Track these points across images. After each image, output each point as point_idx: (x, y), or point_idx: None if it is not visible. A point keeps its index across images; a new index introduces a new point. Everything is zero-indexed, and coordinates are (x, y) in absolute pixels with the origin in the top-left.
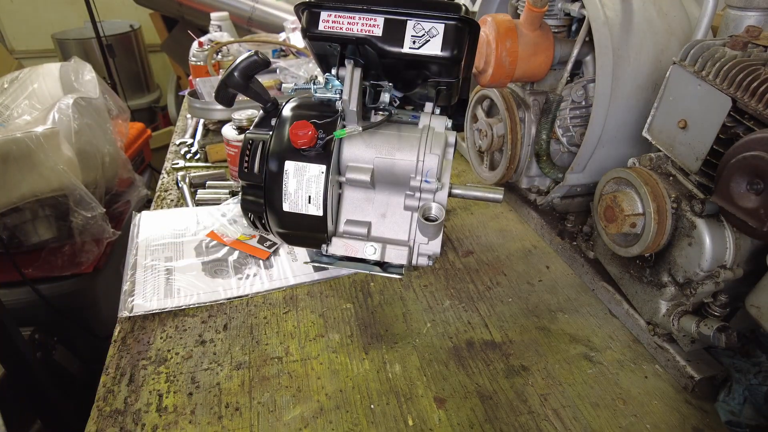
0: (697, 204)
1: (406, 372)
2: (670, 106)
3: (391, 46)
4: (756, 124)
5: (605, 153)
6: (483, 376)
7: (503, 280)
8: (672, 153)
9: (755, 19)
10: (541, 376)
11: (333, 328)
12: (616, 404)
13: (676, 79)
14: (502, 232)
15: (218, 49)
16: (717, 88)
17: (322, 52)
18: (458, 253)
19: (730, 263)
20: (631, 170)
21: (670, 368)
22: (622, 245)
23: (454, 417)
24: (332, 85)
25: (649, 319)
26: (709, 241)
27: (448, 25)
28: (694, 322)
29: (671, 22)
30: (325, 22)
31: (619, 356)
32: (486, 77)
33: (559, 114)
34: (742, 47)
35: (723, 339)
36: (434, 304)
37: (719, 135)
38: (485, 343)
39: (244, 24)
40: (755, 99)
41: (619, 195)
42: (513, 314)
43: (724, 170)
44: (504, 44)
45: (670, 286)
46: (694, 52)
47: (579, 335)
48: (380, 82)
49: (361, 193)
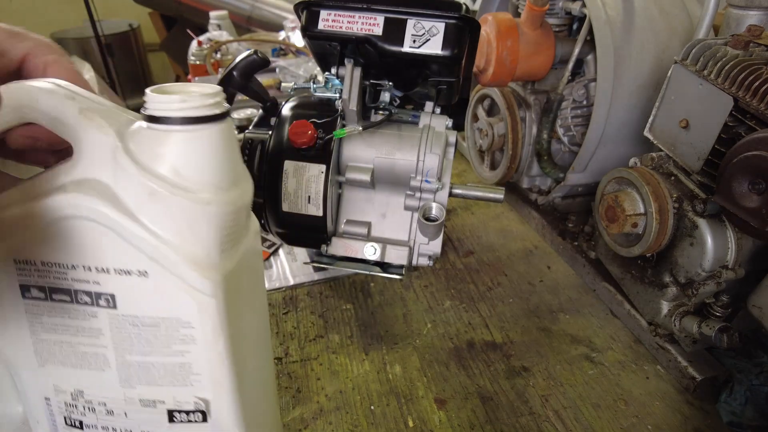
0: (699, 204)
1: (406, 373)
2: (671, 106)
3: (392, 45)
4: (758, 124)
5: (606, 152)
6: (484, 377)
7: (504, 281)
8: (674, 153)
9: (757, 18)
10: (542, 377)
11: (333, 328)
12: (618, 405)
13: (678, 78)
14: (503, 232)
15: (217, 48)
16: (719, 87)
17: (321, 51)
18: (459, 254)
19: (731, 263)
20: (633, 170)
21: (671, 369)
22: (623, 245)
23: (455, 418)
24: (332, 85)
25: (650, 320)
26: (711, 241)
27: (448, 24)
28: (695, 322)
29: (673, 21)
30: (325, 21)
31: (621, 357)
32: (487, 76)
33: (560, 113)
34: (743, 46)
35: (725, 339)
36: (435, 305)
37: (721, 135)
38: (486, 344)
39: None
40: (757, 98)
41: (621, 195)
42: (514, 315)
43: (726, 170)
44: (505, 43)
45: (671, 286)
46: (696, 52)
47: (580, 336)
48: (380, 81)
49: (361, 193)
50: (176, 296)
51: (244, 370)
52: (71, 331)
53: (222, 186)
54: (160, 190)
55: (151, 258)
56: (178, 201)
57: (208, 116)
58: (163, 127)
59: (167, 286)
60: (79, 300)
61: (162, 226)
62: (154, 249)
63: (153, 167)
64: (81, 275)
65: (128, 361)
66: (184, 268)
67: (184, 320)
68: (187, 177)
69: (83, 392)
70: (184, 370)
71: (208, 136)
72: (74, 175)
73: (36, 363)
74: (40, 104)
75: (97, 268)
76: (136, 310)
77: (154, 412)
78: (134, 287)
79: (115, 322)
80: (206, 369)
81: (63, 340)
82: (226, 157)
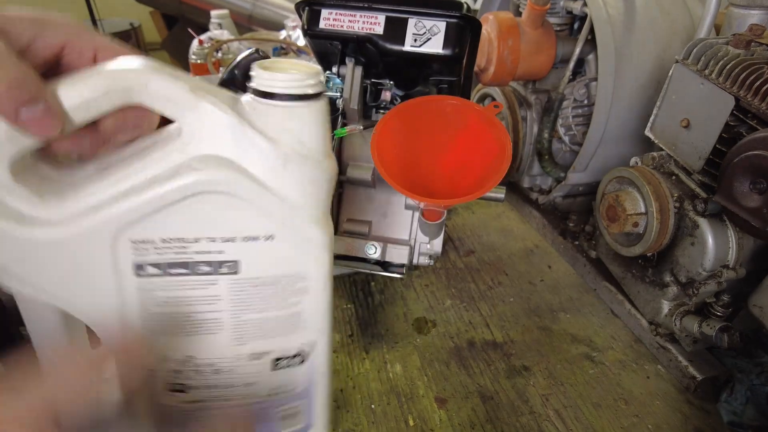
0: (700, 203)
1: (406, 372)
2: (672, 105)
3: (393, 44)
4: (759, 123)
5: (607, 152)
6: (484, 376)
7: (505, 280)
8: (675, 152)
9: (758, 17)
10: (543, 377)
11: (333, 327)
12: (618, 405)
13: (679, 77)
14: (503, 231)
15: (218, 47)
16: (720, 86)
17: (322, 50)
18: (459, 253)
19: (732, 263)
20: (634, 169)
21: (672, 368)
22: (624, 245)
23: (455, 417)
24: (333, 84)
25: (651, 319)
26: (712, 240)
27: (449, 23)
28: (696, 322)
29: (674, 20)
30: (326, 20)
31: (621, 356)
32: (488, 76)
33: (561, 113)
34: (745, 46)
35: (725, 339)
36: (435, 304)
37: (722, 134)
38: (486, 343)
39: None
40: (758, 98)
41: (622, 194)
42: (514, 314)
43: (727, 169)
44: (506, 42)
45: (672, 286)
46: (697, 51)
47: (581, 335)
48: (381, 80)
49: (361, 191)
50: (297, 253)
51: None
52: (186, 302)
53: (328, 153)
54: (292, 158)
55: (279, 222)
56: (307, 168)
57: (320, 92)
58: (284, 103)
59: (291, 245)
60: (197, 271)
61: (291, 191)
62: (283, 213)
63: (279, 138)
64: (203, 247)
65: (243, 320)
66: (307, 227)
67: (301, 274)
68: (309, 146)
69: (193, 357)
70: (294, 319)
71: (320, 108)
72: (189, 152)
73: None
74: (150, 86)
75: (222, 239)
76: (259, 272)
77: (260, 363)
78: (259, 251)
79: (236, 286)
80: (313, 316)
81: (176, 312)
82: (328, 128)
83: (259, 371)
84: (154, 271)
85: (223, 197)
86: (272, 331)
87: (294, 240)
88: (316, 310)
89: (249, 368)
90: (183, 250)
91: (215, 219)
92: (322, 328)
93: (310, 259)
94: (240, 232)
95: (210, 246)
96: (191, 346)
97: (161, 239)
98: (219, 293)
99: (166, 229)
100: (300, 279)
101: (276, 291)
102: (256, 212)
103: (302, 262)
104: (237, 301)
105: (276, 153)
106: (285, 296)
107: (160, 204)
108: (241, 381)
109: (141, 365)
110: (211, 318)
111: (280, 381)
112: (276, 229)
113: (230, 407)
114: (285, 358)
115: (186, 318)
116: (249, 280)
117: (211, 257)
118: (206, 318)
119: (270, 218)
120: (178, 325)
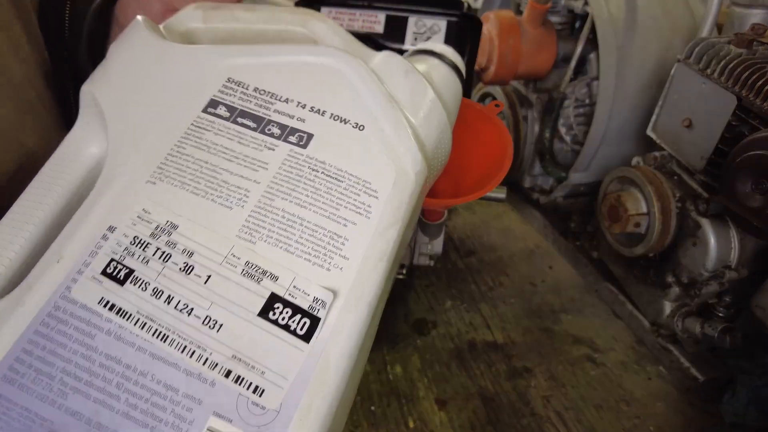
0: (702, 203)
1: (407, 373)
2: (674, 105)
3: (393, 42)
4: (761, 123)
5: (609, 152)
6: (485, 378)
7: (506, 281)
8: (676, 152)
9: (760, 16)
10: (544, 378)
11: None
12: (620, 406)
13: (681, 77)
14: (504, 231)
15: None
16: (722, 86)
17: None
18: (460, 253)
19: (734, 263)
20: (636, 169)
21: (674, 370)
22: (626, 245)
23: (456, 419)
24: None
25: (653, 320)
26: (714, 241)
27: (450, 21)
28: (698, 323)
29: (676, 19)
30: None
31: (623, 357)
32: (488, 75)
33: (562, 112)
34: (747, 45)
35: (727, 340)
36: (436, 305)
37: (724, 134)
38: (487, 345)
39: None
40: (761, 97)
41: (623, 194)
42: (515, 315)
43: (729, 169)
44: (507, 41)
45: (674, 286)
46: (699, 50)
47: (582, 336)
48: None
49: None
50: (380, 160)
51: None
52: (228, 155)
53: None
54: (413, 71)
55: (378, 116)
56: (423, 85)
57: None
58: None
59: (378, 146)
60: (266, 131)
61: (402, 95)
62: (386, 109)
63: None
64: (288, 109)
65: (274, 206)
66: (405, 135)
67: (372, 187)
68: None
69: (178, 227)
70: (333, 244)
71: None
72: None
73: (146, 175)
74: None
75: (312, 108)
76: (328, 156)
77: (250, 290)
78: (341, 135)
79: (293, 161)
80: (359, 256)
81: (209, 161)
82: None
83: (238, 304)
84: (224, 112)
85: (338, 75)
86: (296, 243)
87: (382, 143)
88: (367, 249)
89: (230, 291)
90: (266, 105)
91: (319, 89)
92: (365, 284)
93: (390, 175)
94: (334, 108)
95: (295, 110)
96: (189, 210)
97: (255, 88)
98: (269, 161)
99: (265, 80)
100: (367, 191)
101: (332, 189)
102: (360, 97)
103: (379, 174)
104: (282, 180)
105: (399, 62)
106: (339, 202)
107: (277, 58)
108: (204, 311)
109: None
110: (240, 185)
111: (254, 344)
112: (370, 122)
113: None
114: (284, 304)
115: (212, 172)
116: (311, 161)
117: (288, 121)
118: (235, 182)
119: (369, 108)
120: (198, 176)
